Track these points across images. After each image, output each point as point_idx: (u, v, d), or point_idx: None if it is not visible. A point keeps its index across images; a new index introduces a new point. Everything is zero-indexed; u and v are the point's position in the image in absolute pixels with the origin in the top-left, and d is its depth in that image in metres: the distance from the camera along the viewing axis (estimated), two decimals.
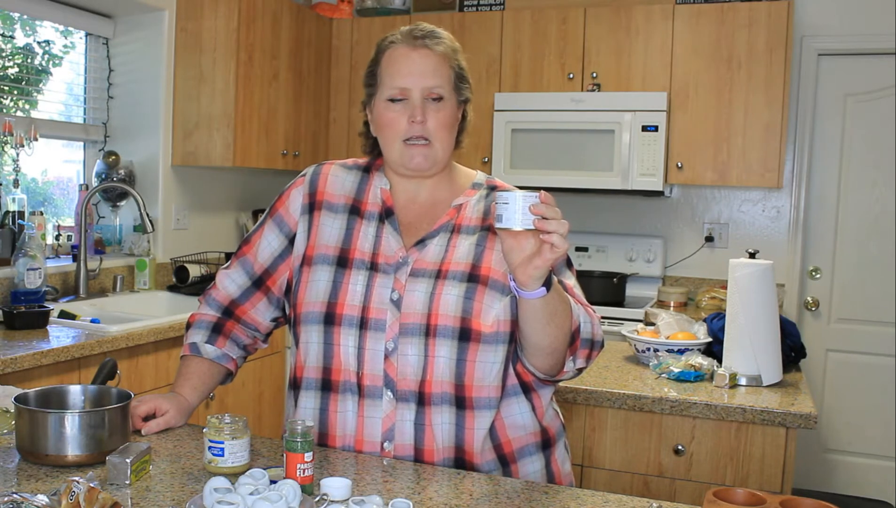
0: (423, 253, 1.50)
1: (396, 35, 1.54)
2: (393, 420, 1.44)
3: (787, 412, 1.99)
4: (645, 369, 2.38)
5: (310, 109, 4.24)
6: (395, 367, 1.44)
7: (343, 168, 1.62)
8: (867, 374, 3.98)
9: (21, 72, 3.45)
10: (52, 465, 1.34)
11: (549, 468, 1.55)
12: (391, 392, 1.44)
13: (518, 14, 4.08)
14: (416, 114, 1.49)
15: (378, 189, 1.58)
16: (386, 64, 1.53)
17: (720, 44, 3.76)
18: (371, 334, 1.45)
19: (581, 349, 1.44)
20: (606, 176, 3.83)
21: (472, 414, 1.45)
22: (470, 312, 1.44)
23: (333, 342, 1.47)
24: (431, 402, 1.43)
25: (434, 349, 1.43)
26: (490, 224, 1.52)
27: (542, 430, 1.54)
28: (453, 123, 1.54)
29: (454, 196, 1.57)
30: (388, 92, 1.51)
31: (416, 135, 1.49)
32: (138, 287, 3.53)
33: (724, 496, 1.26)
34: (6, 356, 2.21)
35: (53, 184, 3.67)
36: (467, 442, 1.45)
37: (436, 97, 1.50)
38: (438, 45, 1.52)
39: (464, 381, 1.44)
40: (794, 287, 4.04)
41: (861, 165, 3.99)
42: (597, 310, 1.53)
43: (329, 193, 1.58)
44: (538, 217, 1.25)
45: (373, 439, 1.45)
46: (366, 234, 1.53)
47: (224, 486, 1.16)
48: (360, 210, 1.56)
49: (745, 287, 2.19)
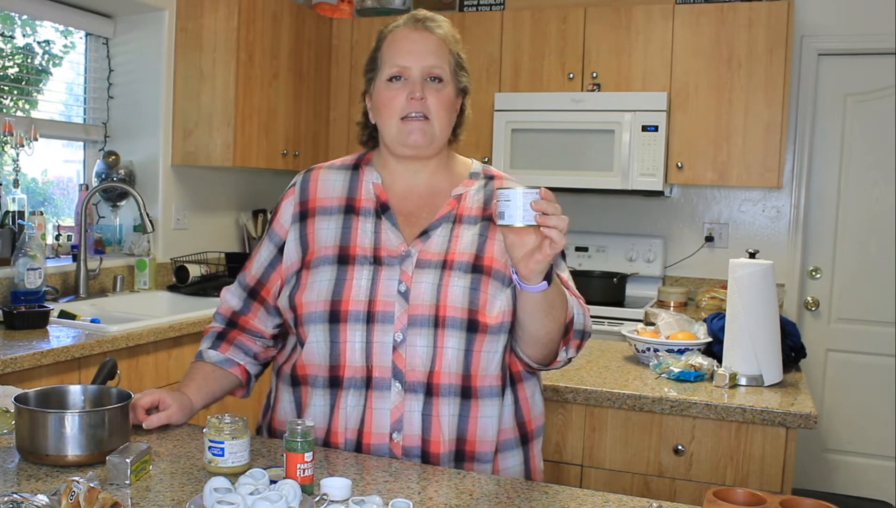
0: (427, 244, 1.51)
1: (398, 21, 1.58)
2: (401, 411, 1.45)
3: (787, 412, 1.99)
4: (645, 369, 2.38)
5: (310, 109, 4.24)
6: (404, 358, 1.45)
7: (331, 170, 1.63)
8: (867, 374, 3.98)
9: (21, 72, 3.45)
10: (52, 465, 1.34)
11: (527, 463, 1.57)
12: (400, 384, 1.45)
13: (518, 14, 4.08)
14: (416, 90, 1.50)
15: (370, 184, 1.58)
16: (387, 46, 1.56)
17: (720, 44, 3.76)
18: (379, 326, 1.46)
19: (573, 339, 1.48)
20: (606, 176, 3.83)
21: (476, 404, 1.47)
22: (476, 303, 1.46)
23: (339, 341, 1.47)
24: (440, 393, 1.45)
25: (443, 341, 1.44)
26: (490, 214, 1.54)
27: (522, 424, 1.55)
28: (452, 106, 1.56)
29: (452, 185, 1.58)
30: (388, 71, 1.53)
31: (416, 111, 1.51)
32: (138, 287, 3.53)
33: (724, 496, 1.26)
34: (6, 356, 2.21)
35: (53, 184, 3.67)
36: (470, 432, 1.47)
37: (435, 77, 1.52)
38: (439, 29, 1.56)
39: (470, 371, 1.46)
40: (794, 287, 4.04)
41: (861, 164, 3.99)
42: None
43: (321, 197, 1.58)
44: (539, 213, 1.26)
45: (381, 430, 1.45)
46: (364, 230, 1.53)
47: (224, 486, 1.16)
48: (354, 207, 1.56)
49: (746, 287, 2.19)
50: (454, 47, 1.57)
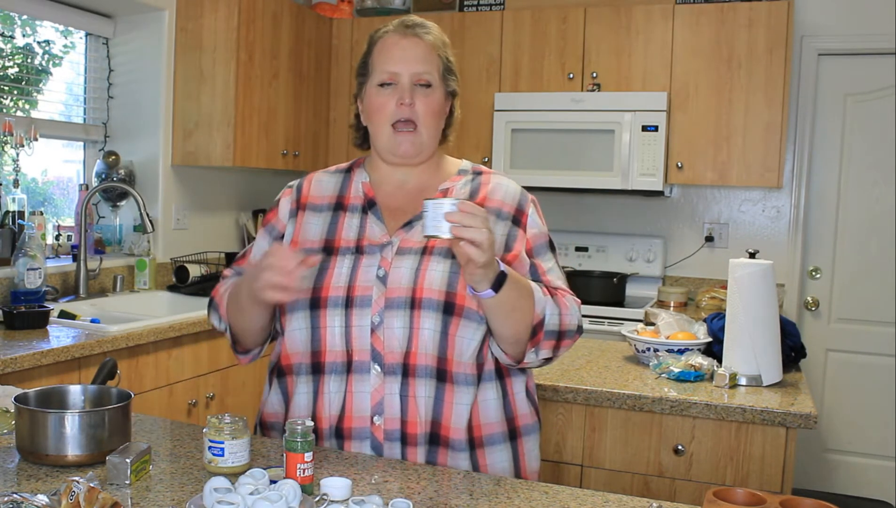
0: (410, 233, 1.54)
1: (388, 26, 1.61)
2: (382, 394, 1.47)
3: (787, 412, 1.99)
4: (645, 369, 2.38)
5: (310, 109, 4.24)
6: (382, 341, 1.47)
7: (326, 173, 1.69)
8: (867, 374, 3.98)
9: (21, 72, 3.45)
10: (52, 465, 1.34)
11: (516, 461, 1.57)
12: (379, 366, 1.47)
13: (518, 14, 4.08)
14: (405, 96, 1.54)
15: (359, 183, 1.63)
16: (377, 52, 1.59)
17: (720, 44, 3.76)
18: (357, 310, 1.48)
19: (545, 340, 1.47)
20: (606, 176, 3.83)
21: (451, 389, 1.48)
22: (455, 287, 1.47)
23: (320, 326, 1.49)
24: (416, 374, 1.46)
25: (419, 321, 1.46)
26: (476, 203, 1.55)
27: (511, 419, 1.56)
28: (441, 110, 1.60)
29: (440, 183, 1.62)
30: (378, 77, 1.57)
31: (405, 118, 1.55)
32: (138, 287, 3.53)
33: (724, 496, 1.26)
34: (6, 356, 2.21)
35: (53, 184, 3.67)
36: (444, 417, 1.47)
37: (424, 83, 1.56)
38: (427, 35, 1.59)
39: (446, 355, 1.47)
40: (794, 287, 4.04)
41: (861, 164, 3.99)
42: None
43: (313, 195, 1.64)
44: (457, 225, 1.27)
45: (362, 413, 1.47)
46: (350, 225, 1.57)
47: (224, 486, 1.17)
48: (343, 205, 1.61)
49: (746, 287, 2.19)
50: (443, 52, 1.60)
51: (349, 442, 1.47)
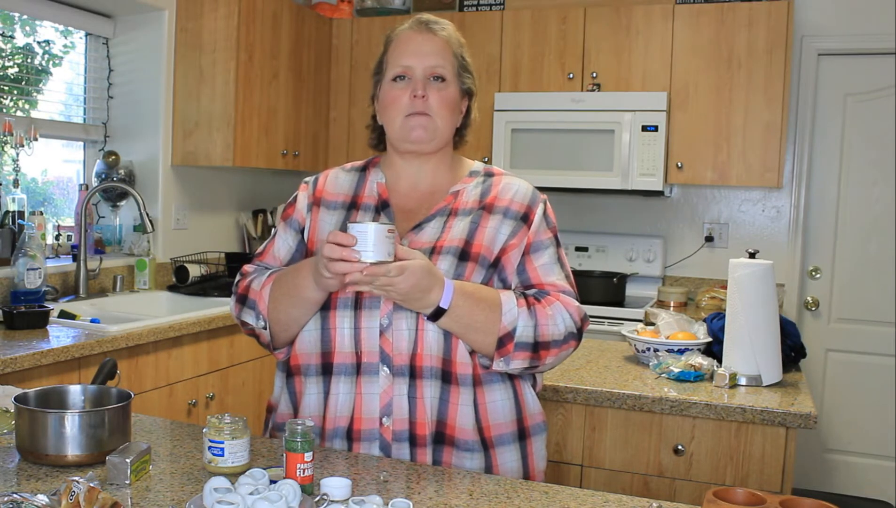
0: (420, 235, 1.54)
1: (403, 24, 1.63)
2: (390, 395, 1.47)
3: (787, 412, 1.99)
4: (645, 369, 2.38)
5: (310, 109, 4.24)
6: (391, 342, 1.47)
7: (342, 171, 1.69)
8: (867, 374, 3.98)
9: (21, 72, 3.45)
10: (52, 465, 1.34)
11: (525, 461, 1.57)
12: (387, 368, 1.47)
13: (518, 14, 4.08)
14: (418, 88, 1.55)
15: (374, 183, 1.63)
16: (392, 49, 1.61)
17: (720, 44, 3.76)
18: (366, 312, 1.48)
19: (517, 352, 1.47)
20: (606, 176, 3.83)
21: (456, 390, 1.48)
22: None
23: (330, 327, 1.50)
24: (422, 375, 1.47)
25: (423, 322, 1.47)
26: (486, 204, 1.58)
27: (520, 419, 1.56)
28: (455, 104, 1.60)
29: (453, 184, 1.62)
30: (392, 71, 1.58)
31: (418, 110, 1.55)
32: (138, 287, 3.53)
33: (724, 496, 1.26)
34: (6, 356, 2.21)
35: (53, 184, 3.67)
36: (450, 417, 1.48)
37: (438, 76, 1.57)
38: (442, 31, 1.60)
39: (451, 356, 1.48)
40: (794, 287, 4.04)
41: (861, 164, 3.99)
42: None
43: (328, 191, 1.64)
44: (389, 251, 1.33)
45: (371, 415, 1.47)
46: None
47: (224, 486, 1.17)
48: (357, 204, 1.61)
49: (745, 287, 2.19)
50: (458, 49, 1.61)
51: (358, 444, 1.48)
